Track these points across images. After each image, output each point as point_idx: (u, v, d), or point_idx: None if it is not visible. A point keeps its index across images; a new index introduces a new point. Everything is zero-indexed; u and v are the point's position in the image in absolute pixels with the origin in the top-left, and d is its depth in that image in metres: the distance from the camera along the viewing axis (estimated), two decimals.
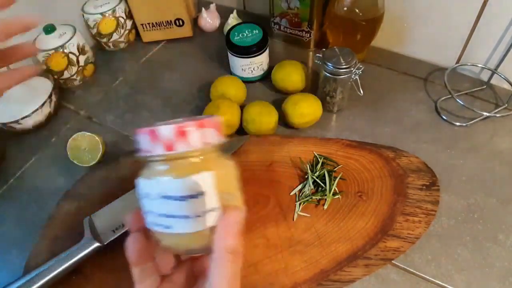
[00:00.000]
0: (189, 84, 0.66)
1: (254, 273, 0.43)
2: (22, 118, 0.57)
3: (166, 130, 0.24)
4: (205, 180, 0.24)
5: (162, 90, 0.66)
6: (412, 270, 0.44)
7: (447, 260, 0.44)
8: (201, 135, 0.24)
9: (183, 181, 0.24)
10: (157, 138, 0.24)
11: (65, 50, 0.63)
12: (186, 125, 0.24)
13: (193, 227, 0.24)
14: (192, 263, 0.30)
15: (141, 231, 0.27)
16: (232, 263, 0.23)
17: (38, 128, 0.61)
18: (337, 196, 0.48)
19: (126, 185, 0.50)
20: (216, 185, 0.24)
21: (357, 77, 0.55)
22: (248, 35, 0.61)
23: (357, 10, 0.57)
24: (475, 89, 0.61)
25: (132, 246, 0.26)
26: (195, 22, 0.77)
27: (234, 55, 0.61)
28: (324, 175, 0.49)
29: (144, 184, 0.26)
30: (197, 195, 0.24)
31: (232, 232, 0.24)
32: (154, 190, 0.25)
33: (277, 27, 0.70)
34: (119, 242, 0.44)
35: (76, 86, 0.68)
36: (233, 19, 0.72)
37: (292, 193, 0.49)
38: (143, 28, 0.72)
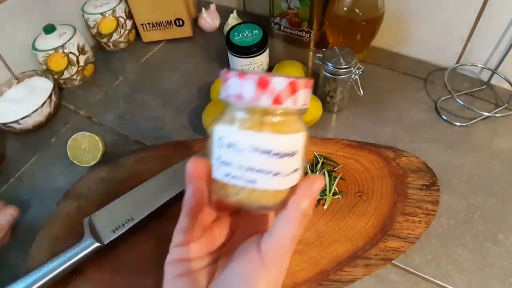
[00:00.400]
0: (189, 84, 0.66)
1: None
2: (22, 118, 0.57)
3: (279, 82, 0.23)
4: (300, 140, 0.24)
5: (162, 90, 0.66)
6: (412, 270, 0.44)
7: (447, 260, 0.44)
8: (305, 94, 0.24)
9: (284, 138, 0.23)
10: (266, 89, 0.23)
11: (65, 50, 0.63)
12: (298, 82, 0.23)
13: (279, 184, 0.24)
14: (229, 219, 0.30)
15: (201, 181, 0.26)
16: (300, 224, 0.24)
17: (38, 128, 0.61)
18: (337, 196, 0.48)
19: (126, 185, 0.50)
20: (304, 146, 0.24)
21: (357, 77, 0.55)
22: (248, 35, 0.61)
23: (357, 10, 0.57)
24: (475, 89, 0.61)
25: (193, 196, 0.26)
26: (195, 22, 0.77)
27: (234, 55, 0.61)
28: (324, 175, 0.49)
29: (229, 133, 0.24)
30: (292, 153, 0.24)
31: (312, 197, 0.24)
32: (246, 142, 0.23)
33: (277, 27, 0.70)
34: (119, 242, 0.45)
35: (76, 86, 0.68)
36: (233, 19, 0.72)
37: None
38: (143, 28, 0.72)
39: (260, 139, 0.23)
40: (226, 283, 0.25)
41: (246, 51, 0.60)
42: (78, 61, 0.65)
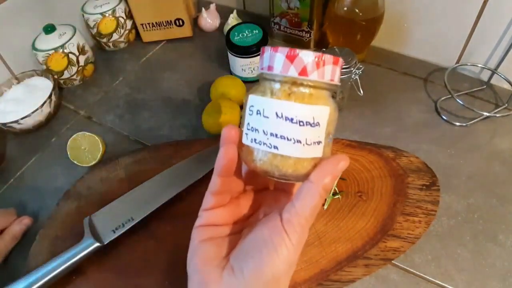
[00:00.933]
0: (189, 84, 0.66)
1: None
2: (22, 118, 0.57)
3: (307, 55, 0.25)
4: (324, 113, 0.26)
5: (162, 90, 0.66)
6: (412, 270, 0.44)
7: (447, 260, 0.44)
8: (333, 71, 0.26)
9: (307, 107, 0.25)
10: (294, 61, 0.25)
11: (65, 50, 0.63)
12: (325, 57, 0.25)
13: (300, 152, 0.25)
14: (255, 195, 0.33)
15: (233, 144, 0.28)
16: (321, 197, 0.26)
17: (38, 128, 0.61)
18: (337, 196, 0.48)
19: (126, 185, 0.50)
20: (328, 121, 0.26)
21: (357, 77, 0.55)
22: (248, 35, 0.61)
23: (357, 10, 0.57)
24: (475, 89, 0.61)
25: (224, 156, 0.28)
26: (195, 22, 0.77)
27: (234, 55, 0.61)
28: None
29: (259, 101, 0.26)
30: (314, 124, 0.25)
31: (334, 175, 0.26)
32: (272, 109, 0.25)
33: (277, 27, 0.70)
34: (119, 242, 0.45)
35: (76, 86, 0.68)
36: (233, 19, 0.72)
37: None
38: (143, 28, 0.73)
39: (284, 106, 0.25)
40: (250, 246, 0.27)
41: (246, 51, 0.60)
42: (78, 61, 0.65)
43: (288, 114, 0.25)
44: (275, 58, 0.25)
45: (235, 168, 0.29)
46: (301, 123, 0.25)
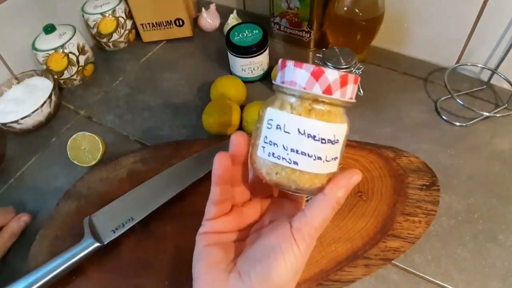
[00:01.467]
0: (189, 84, 0.66)
1: None
2: (22, 118, 0.57)
3: (332, 74, 0.25)
4: (343, 131, 0.27)
5: (162, 90, 0.66)
6: (412, 270, 0.44)
7: (447, 260, 0.44)
8: (353, 89, 0.27)
9: (329, 125, 0.26)
10: (319, 79, 0.25)
11: (65, 50, 0.63)
12: (349, 77, 0.26)
13: (319, 169, 0.26)
14: (260, 203, 0.33)
15: (227, 155, 0.29)
16: (332, 210, 0.27)
17: (38, 128, 0.61)
18: None
19: (126, 185, 0.50)
20: (345, 138, 0.27)
21: None
22: (248, 35, 0.61)
23: (357, 10, 0.57)
24: (475, 89, 0.61)
25: (219, 166, 0.28)
26: (195, 22, 0.77)
27: (234, 55, 0.61)
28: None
29: (280, 116, 0.26)
30: (334, 141, 0.26)
31: (347, 188, 0.27)
32: (294, 125, 0.26)
33: (277, 27, 0.70)
34: (119, 242, 0.45)
35: (76, 86, 0.68)
36: (233, 19, 0.72)
37: None
38: (143, 28, 0.73)
39: (307, 123, 0.26)
40: (258, 252, 0.27)
41: (246, 51, 0.60)
42: (78, 61, 0.65)
43: (310, 131, 0.25)
44: (299, 74, 0.25)
45: (232, 178, 0.29)
46: (323, 141, 0.26)
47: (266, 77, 0.65)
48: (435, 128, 0.57)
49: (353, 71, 0.53)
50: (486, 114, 0.55)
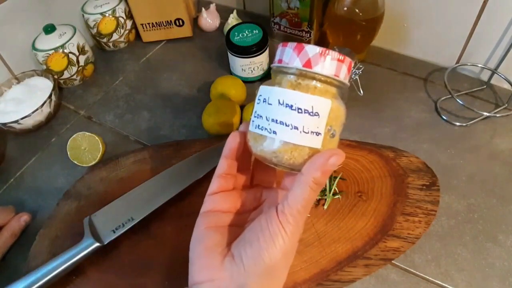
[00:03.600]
0: (189, 84, 0.66)
1: None
2: (22, 118, 0.57)
3: (311, 48, 0.26)
4: (323, 105, 0.27)
5: (162, 90, 0.66)
6: (412, 270, 0.44)
7: (447, 260, 0.44)
8: (337, 67, 0.27)
9: (307, 96, 0.26)
10: (300, 53, 0.26)
11: (65, 50, 0.63)
12: (329, 52, 0.26)
13: (295, 139, 0.26)
14: (260, 191, 0.35)
15: (240, 133, 0.31)
16: (312, 191, 0.27)
17: (38, 128, 0.61)
18: (337, 196, 0.48)
19: (126, 185, 0.50)
20: (328, 115, 0.27)
21: (357, 77, 0.55)
22: (248, 35, 0.61)
23: (357, 10, 0.57)
24: (475, 89, 0.61)
25: (234, 137, 0.31)
26: (195, 22, 0.77)
27: (234, 55, 0.61)
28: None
29: (266, 90, 0.28)
30: (313, 113, 0.26)
31: (326, 170, 0.26)
32: (275, 97, 0.27)
33: (277, 27, 0.70)
34: (119, 242, 0.45)
35: (76, 86, 0.68)
36: (233, 19, 0.72)
37: None
38: (143, 28, 0.73)
39: (286, 94, 0.26)
40: (249, 235, 0.29)
41: (246, 51, 0.60)
42: (78, 61, 0.65)
43: (288, 101, 0.26)
44: (285, 52, 0.27)
45: (240, 152, 0.32)
46: (299, 110, 0.26)
47: (266, 77, 0.65)
48: (435, 128, 0.57)
49: (353, 71, 0.53)
50: (486, 114, 0.55)
